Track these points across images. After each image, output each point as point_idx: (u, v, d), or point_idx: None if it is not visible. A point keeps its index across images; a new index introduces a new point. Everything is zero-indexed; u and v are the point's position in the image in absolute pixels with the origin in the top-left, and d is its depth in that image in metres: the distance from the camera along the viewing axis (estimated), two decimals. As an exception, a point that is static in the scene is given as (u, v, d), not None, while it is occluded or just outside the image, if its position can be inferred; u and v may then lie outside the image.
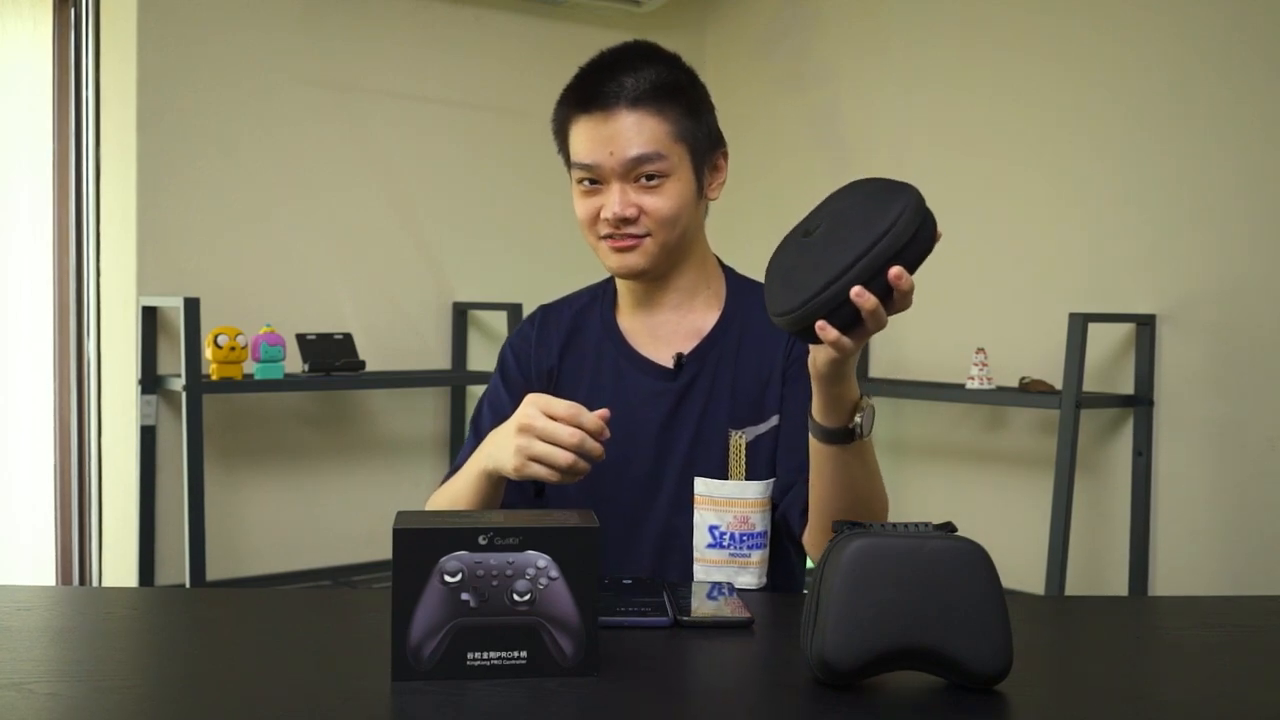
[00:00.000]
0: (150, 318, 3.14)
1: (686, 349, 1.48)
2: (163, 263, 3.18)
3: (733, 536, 1.43)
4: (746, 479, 1.43)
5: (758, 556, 1.44)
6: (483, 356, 3.75)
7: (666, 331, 1.50)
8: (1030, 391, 2.96)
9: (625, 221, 1.42)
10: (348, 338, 3.34)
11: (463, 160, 3.73)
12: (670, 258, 1.46)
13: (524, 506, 1.49)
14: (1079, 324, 2.78)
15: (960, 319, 3.33)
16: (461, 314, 3.72)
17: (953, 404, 3.33)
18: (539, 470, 1.23)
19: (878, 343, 3.53)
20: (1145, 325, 2.91)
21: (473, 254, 3.76)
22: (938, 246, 1.15)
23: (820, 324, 1.11)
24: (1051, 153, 3.16)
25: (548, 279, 3.84)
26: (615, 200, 1.41)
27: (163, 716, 0.96)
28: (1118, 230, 3.01)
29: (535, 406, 1.24)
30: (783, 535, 1.46)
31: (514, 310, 3.54)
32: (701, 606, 1.24)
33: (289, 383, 3.15)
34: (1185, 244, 2.88)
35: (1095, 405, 2.91)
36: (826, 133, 3.74)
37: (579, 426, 1.22)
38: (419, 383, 3.60)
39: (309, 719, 0.95)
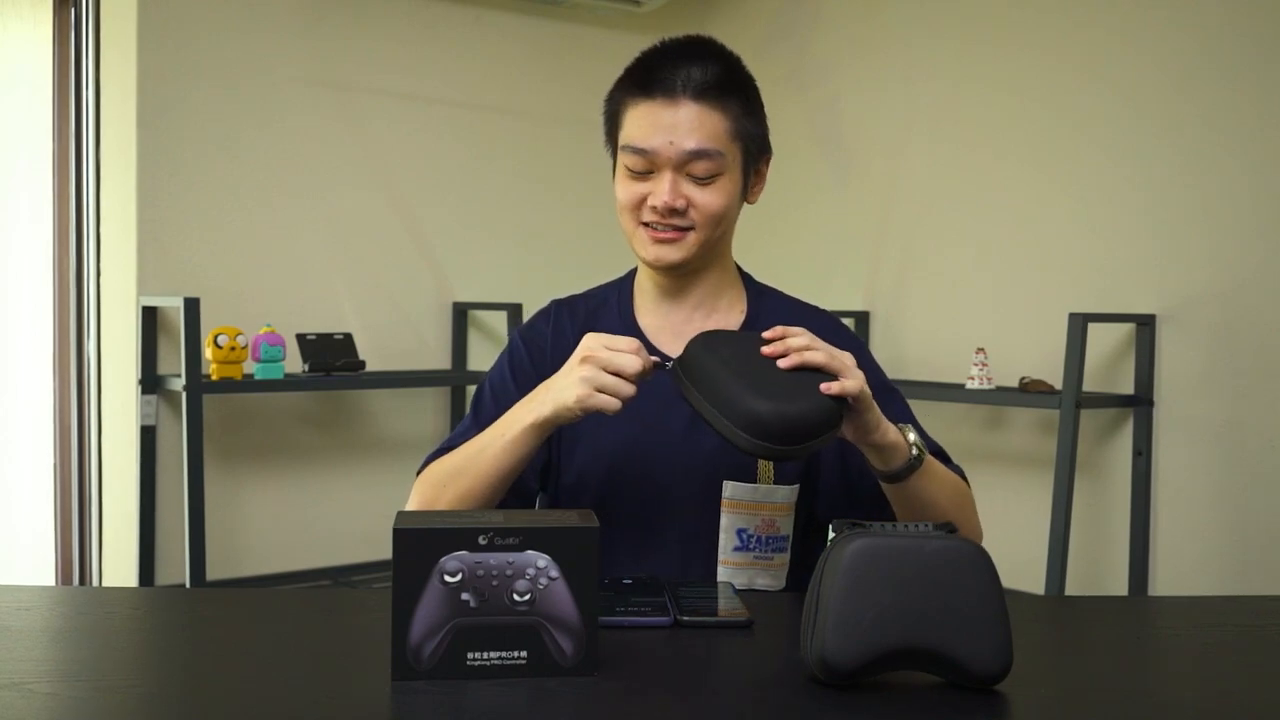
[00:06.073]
0: (150, 318, 3.14)
1: None
2: (163, 263, 3.18)
3: (759, 539, 1.42)
4: (774, 483, 1.42)
5: (779, 559, 1.43)
6: (483, 356, 3.75)
7: (691, 330, 1.46)
8: (1030, 391, 2.96)
9: (673, 212, 1.40)
10: (348, 338, 3.34)
11: (463, 160, 3.73)
12: (705, 255, 1.45)
13: (526, 505, 1.49)
14: (1079, 324, 2.78)
15: (960, 319, 3.32)
16: (461, 314, 3.72)
17: (953, 404, 3.32)
18: (603, 400, 1.24)
19: (878, 342, 3.53)
20: (1145, 325, 2.91)
21: (473, 254, 3.76)
22: (939, 244, 1.16)
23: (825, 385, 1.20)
24: (1052, 152, 3.15)
25: (548, 279, 3.85)
26: (666, 190, 1.39)
27: (163, 716, 0.96)
28: (1118, 230, 3.01)
29: (595, 340, 1.27)
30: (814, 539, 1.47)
31: (514, 310, 3.54)
32: (702, 606, 1.24)
33: (289, 383, 3.15)
34: (1186, 244, 2.88)
35: (1095, 405, 2.90)
36: (826, 132, 3.74)
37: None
38: (419, 383, 3.60)
39: (309, 719, 0.95)
